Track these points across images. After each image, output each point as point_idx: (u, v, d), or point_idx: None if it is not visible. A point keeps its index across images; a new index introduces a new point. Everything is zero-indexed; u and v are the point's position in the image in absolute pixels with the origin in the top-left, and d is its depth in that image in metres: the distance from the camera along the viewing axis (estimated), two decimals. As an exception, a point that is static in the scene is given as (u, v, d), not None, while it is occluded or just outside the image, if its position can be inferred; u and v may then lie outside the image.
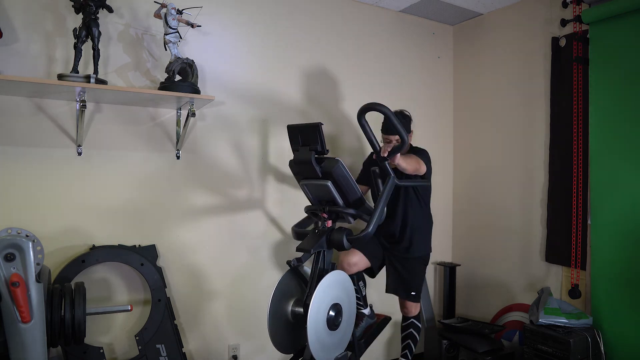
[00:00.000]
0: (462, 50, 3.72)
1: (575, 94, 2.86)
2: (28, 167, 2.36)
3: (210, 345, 2.82)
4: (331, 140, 3.16)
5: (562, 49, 2.96)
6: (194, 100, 2.45)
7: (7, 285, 1.78)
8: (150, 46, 2.61)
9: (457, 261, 3.70)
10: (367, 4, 3.36)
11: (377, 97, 3.36)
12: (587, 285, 2.82)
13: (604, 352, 2.62)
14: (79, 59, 2.25)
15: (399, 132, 2.29)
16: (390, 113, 2.24)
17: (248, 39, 2.92)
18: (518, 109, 3.29)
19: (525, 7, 3.24)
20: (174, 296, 2.70)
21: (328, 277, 2.25)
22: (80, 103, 2.24)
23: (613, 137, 2.67)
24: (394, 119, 2.25)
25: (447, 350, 3.14)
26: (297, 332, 2.36)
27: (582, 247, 2.83)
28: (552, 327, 2.64)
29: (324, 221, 2.37)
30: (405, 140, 2.31)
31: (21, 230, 1.95)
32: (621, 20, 2.61)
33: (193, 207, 2.77)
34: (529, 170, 3.21)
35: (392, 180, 2.36)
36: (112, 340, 2.54)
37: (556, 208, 3.00)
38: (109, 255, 2.47)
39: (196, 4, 2.55)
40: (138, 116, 2.62)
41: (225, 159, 2.86)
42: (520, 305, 3.20)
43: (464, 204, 3.71)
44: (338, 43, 3.25)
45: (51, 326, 1.98)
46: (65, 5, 2.36)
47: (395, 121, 2.25)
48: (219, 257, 2.85)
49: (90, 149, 2.49)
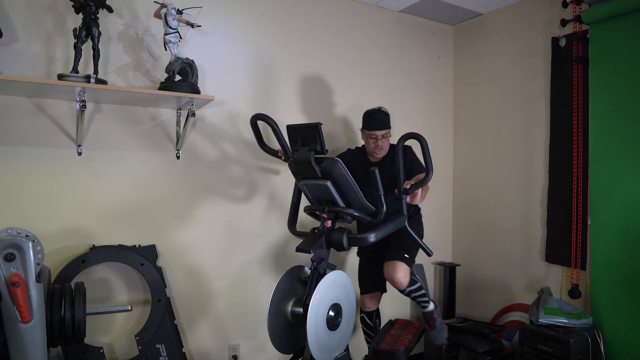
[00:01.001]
0: (462, 50, 3.72)
1: (575, 94, 2.85)
2: (28, 167, 2.36)
3: (210, 345, 2.82)
4: (331, 140, 3.16)
5: (562, 49, 2.96)
6: (194, 100, 2.45)
7: (7, 285, 1.78)
8: (150, 46, 2.61)
9: (457, 261, 3.70)
10: (367, 4, 3.36)
11: (377, 96, 3.37)
12: (587, 285, 2.82)
13: (604, 352, 2.62)
14: (79, 59, 2.26)
15: (426, 164, 2.28)
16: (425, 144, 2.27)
17: (248, 39, 2.92)
18: (518, 109, 3.28)
19: (525, 7, 3.24)
20: (174, 296, 2.70)
21: (328, 278, 2.25)
22: (80, 103, 2.24)
23: (613, 137, 2.67)
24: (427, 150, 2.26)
25: (447, 350, 3.14)
26: (297, 332, 2.36)
27: (582, 247, 2.83)
28: (552, 327, 2.64)
29: (323, 221, 2.37)
30: (429, 177, 2.28)
31: (21, 230, 1.95)
32: (621, 20, 2.61)
33: (193, 207, 2.77)
34: (529, 170, 3.21)
35: (404, 220, 2.37)
36: (112, 340, 2.54)
37: (556, 208, 3.00)
38: (109, 255, 2.47)
39: (196, 4, 2.55)
40: (138, 116, 2.62)
41: (225, 159, 2.86)
42: (520, 305, 3.20)
43: (464, 203, 3.71)
44: (338, 43, 3.25)
45: (51, 326, 1.98)
46: (65, 5, 2.36)
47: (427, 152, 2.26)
48: (219, 257, 2.85)
49: (90, 149, 2.49)
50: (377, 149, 2.70)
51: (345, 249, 2.30)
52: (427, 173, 2.29)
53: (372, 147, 2.72)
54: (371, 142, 2.71)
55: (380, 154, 2.74)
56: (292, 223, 2.60)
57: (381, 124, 2.67)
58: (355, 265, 2.98)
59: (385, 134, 2.69)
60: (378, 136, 2.67)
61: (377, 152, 2.71)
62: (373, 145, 2.71)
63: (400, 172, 2.33)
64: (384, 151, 2.73)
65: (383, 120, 2.68)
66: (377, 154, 2.73)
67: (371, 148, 2.73)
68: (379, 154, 2.73)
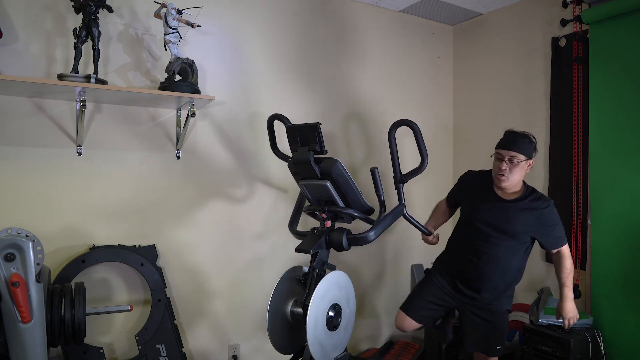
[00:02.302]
0: (462, 50, 3.72)
1: (575, 94, 2.85)
2: (28, 167, 2.36)
3: (210, 345, 2.82)
4: (330, 141, 3.16)
5: (562, 49, 2.96)
6: (194, 100, 2.45)
7: (7, 285, 1.78)
8: (150, 46, 2.61)
9: (457, 261, 3.69)
10: (367, 4, 3.35)
11: (376, 96, 3.37)
12: (587, 285, 2.82)
13: (604, 352, 2.62)
14: (79, 59, 2.26)
15: (420, 152, 2.21)
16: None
17: (248, 39, 2.92)
18: (518, 109, 3.28)
19: (525, 7, 3.24)
20: (174, 296, 2.70)
21: (327, 278, 2.25)
22: (80, 103, 2.24)
23: (613, 137, 2.67)
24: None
25: (447, 350, 3.14)
26: (297, 332, 2.36)
27: (582, 247, 2.83)
28: (552, 327, 2.64)
29: (323, 221, 2.36)
30: (424, 164, 2.21)
31: (21, 230, 1.95)
32: (621, 20, 2.61)
33: (193, 207, 2.77)
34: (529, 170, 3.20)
35: (402, 209, 2.32)
36: (112, 340, 2.55)
37: (556, 208, 2.99)
38: (109, 255, 2.47)
39: (196, 4, 2.55)
40: (138, 116, 2.62)
41: (225, 159, 2.86)
42: (520, 305, 3.19)
43: (464, 204, 3.70)
44: (338, 43, 3.25)
45: (51, 326, 1.98)
46: (65, 5, 2.36)
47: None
48: (219, 257, 2.85)
49: (90, 149, 2.49)
50: (499, 173, 2.31)
51: (345, 249, 2.30)
52: (422, 161, 2.23)
53: (495, 169, 2.36)
54: (496, 164, 2.35)
55: (503, 182, 2.31)
56: (292, 223, 2.60)
57: (510, 145, 2.30)
58: (355, 265, 2.98)
59: (512, 158, 2.27)
60: (504, 157, 2.31)
61: (499, 177, 2.31)
62: (497, 168, 2.34)
63: (394, 159, 2.29)
64: (507, 180, 2.30)
65: (516, 142, 2.30)
66: (499, 181, 2.32)
67: (495, 170, 2.36)
68: (501, 180, 2.31)
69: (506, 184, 2.31)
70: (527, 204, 2.32)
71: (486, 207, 2.38)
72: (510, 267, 2.36)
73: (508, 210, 2.32)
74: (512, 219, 2.31)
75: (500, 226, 2.32)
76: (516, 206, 2.32)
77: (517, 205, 2.33)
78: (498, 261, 2.33)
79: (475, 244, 2.38)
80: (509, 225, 2.31)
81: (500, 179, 2.31)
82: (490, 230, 2.34)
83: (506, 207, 2.33)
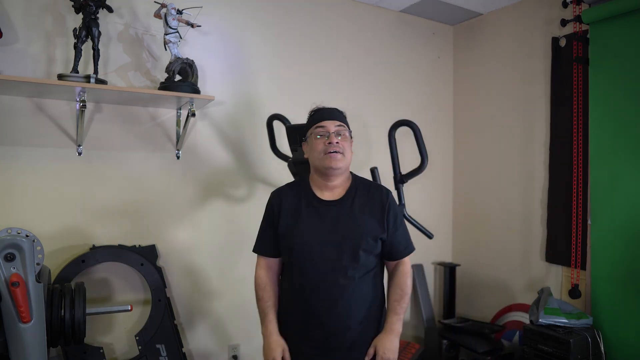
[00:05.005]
0: (462, 50, 3.72)
1: (575, 94, 2.85)
2: (28, 167, 2.36)
3: (210, 345, 2.82)
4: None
5: (562, 49, 2.96)
6: (194, 100, 2.45)
7: (7, 285, 1.78)
8: (150, 46, 2.61)
9: (457, 261, 3.70)
10: (367, 4, 3.35)
11: (376, 96, 3.37)
12: (587, 285, 2.82)
13: (604, 352, 2.62)
14: (79, 59, 2.26)
15: (420, 152, 2.15)
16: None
17: (248, 39, 2.92)
18: (518, 109, 3.28)
19: (525, 7, 3.24)
20: (174, 296, 2.70)
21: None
22: (80, 103, 2.24)
23: (613, 137, 2.67)
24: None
25: (447, 350, 3.14)
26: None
27: (582, 247, 2.83)
28: (552, 327, 2.64)
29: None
30: (424, 165, 2.10)
31: (21, 230, 1.95)
32: (621, 20, 2.61)
33: (193, 207, 2.77)
34: (529, 170, 3.21)
35: (402, 209, 2.22)
36: (112, 340, 2.55)
37: (556, 208, 3.00)
38: (109, 255, 2.47)
39: (196, 4, 2.55)
40: (138, 116, 2.62)
41: (225, 159, 2.86)
42: (520, 305, 3.19)
43: (464, 203, 3.71)
44: (338, 43, 3.25)
45: (51, 326, 1.98)
46: (65, 5, 2.36)
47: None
48: (219, 257, 2.85)
49: (90, 149, 2.49)
50: (331, 150, 1.73)
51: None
52: (422, 161, 2.21)
53: (320, 149, 1.75)
54: (320, 141, 1.76)
55: (340, 161, 1.74)
56: None
57: (334, 115, 1.81)
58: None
59: (340, 130, 1.77)
60: (330, 130, 1.75)
61: (332, 156, 1.73)
62: (322, 146, 1.75)
63: (394, 160, 2.27)
64: (344, 159, 1.76)
65: (335, 113, 1.83)
66: (333, 160, 1.73)
67: (319, 152, 1.76)
68: (336, 158, 1.73)
69: (342, 164, 1.75)
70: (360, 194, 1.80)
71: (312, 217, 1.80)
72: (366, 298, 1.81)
73: (344, 207, 1.78)
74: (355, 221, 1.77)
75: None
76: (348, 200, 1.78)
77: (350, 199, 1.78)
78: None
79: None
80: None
81: (334, 157, 1.72)
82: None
83: (342, 203, 1.78)
